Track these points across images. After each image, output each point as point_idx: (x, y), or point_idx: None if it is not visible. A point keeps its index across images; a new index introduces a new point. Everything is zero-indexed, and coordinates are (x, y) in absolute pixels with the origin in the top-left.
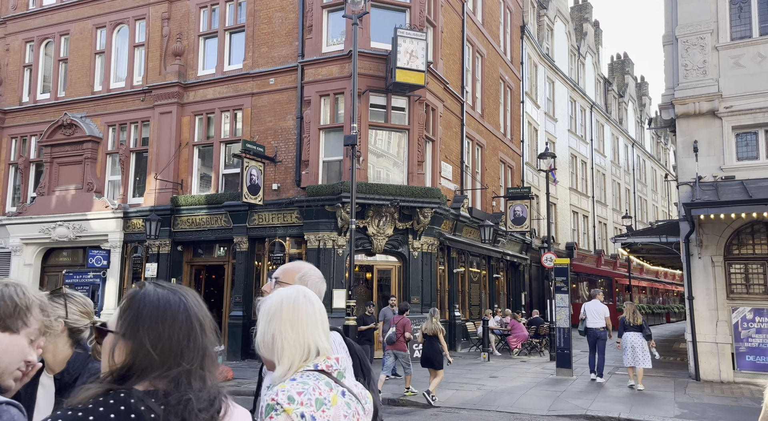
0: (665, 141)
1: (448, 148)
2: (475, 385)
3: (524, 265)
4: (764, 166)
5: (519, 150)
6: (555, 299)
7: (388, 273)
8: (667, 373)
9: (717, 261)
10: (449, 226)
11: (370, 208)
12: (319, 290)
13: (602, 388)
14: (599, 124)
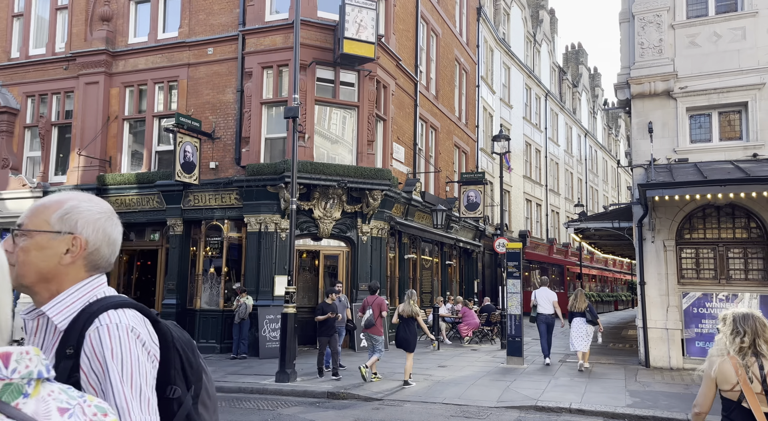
0: (616, 132)
1: (401, 129)
2: (422, 375)
3: (477, 252)
4: (717, 149)
5: (474, 135)
6: (507, 285)
7: (336, 259)
8: (617, 360)
9: (669, 245)
10: (401, 210)
11: (315, 189)
12: (102, 232)
13: (553, 377)
14: (553, 113)
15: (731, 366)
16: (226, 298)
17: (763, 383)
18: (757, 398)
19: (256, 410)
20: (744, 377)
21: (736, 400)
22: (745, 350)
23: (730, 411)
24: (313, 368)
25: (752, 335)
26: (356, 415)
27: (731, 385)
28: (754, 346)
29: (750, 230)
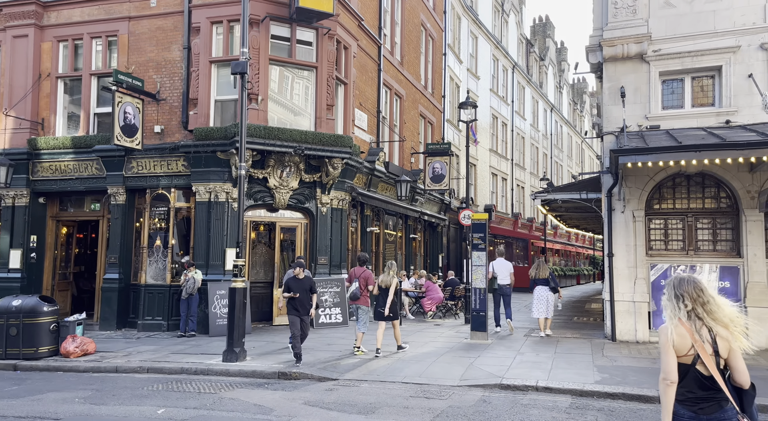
0: (581, 108)
1: (363, 95)
2: (382, 352)
3: (442, 226)
4: (689, 116)
5: (440, 105)
6: (471, 257)
7: (293, 231)
8: (582, 334)
9: (638, 216)
10: (363, 181)
11: (270, 156)
12: None
13: (518, 353)
14: (520, 86)
15: (685, 331)
16: (174, 272)
17: (713, 345)
18: (710, 359)
19: (196, 394)
20: (699, 341)
21: (690, 363)
22: (690, 314)
23: (683, 376)
24: (267, 347)
25: (690, 300)
26: (306, 397)
27: (687, 349)
28: (694, 310)
29: (720, 199)
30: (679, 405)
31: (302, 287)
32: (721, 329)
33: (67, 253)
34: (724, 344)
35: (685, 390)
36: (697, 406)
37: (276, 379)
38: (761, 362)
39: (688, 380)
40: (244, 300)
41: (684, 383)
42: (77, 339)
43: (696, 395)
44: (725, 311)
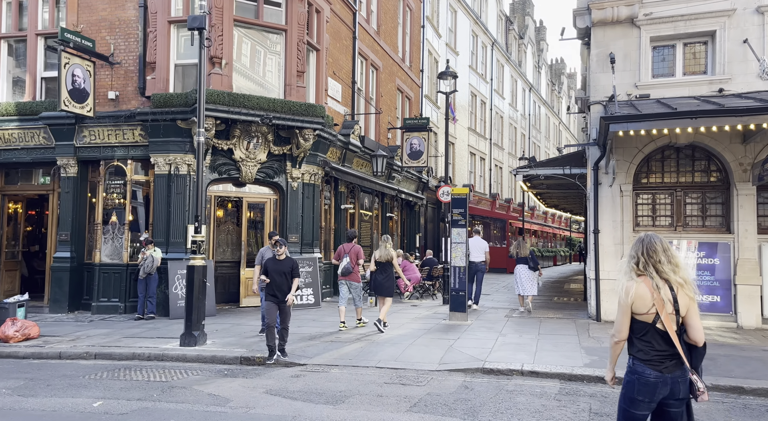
0: (559, 89)
1: (337, 64)
2: (354, 335)
3: (420, 205)
4: (680, 84)
5: (418, 80)
6: (450, 234)
7: (262, 207)
8: (565, 314)
9: (626, 190)
10: (337, 155)
11: (236, 125)
12: None
13: (500, 334)
14: (499, 64)
15: (647, 289)
16: (132, 251)
17: (674, 303)
18: (669, 318)
19: (144, 383)
20: (660, 299)
21: (651, 322)
22: (651, 273)
23: (643, 333)
24: (232, 330)
25: (650, 258)
26: (269, 385)
27: (647, 308)
28: (652, 268)
29: (710, 173)
30: (644, 365)
31: (282, 270)
32: (680, 287)
33: (15, 230)
34: (684, 303)
35: (648, 348)
36: (662, 365)
37: (238, 364)
38: (753, 341)
39: (649, 338)
40: (204, 279)
41: (646, 342)
42: (18, 322)
43: (660, 354)
44: (681, 272)
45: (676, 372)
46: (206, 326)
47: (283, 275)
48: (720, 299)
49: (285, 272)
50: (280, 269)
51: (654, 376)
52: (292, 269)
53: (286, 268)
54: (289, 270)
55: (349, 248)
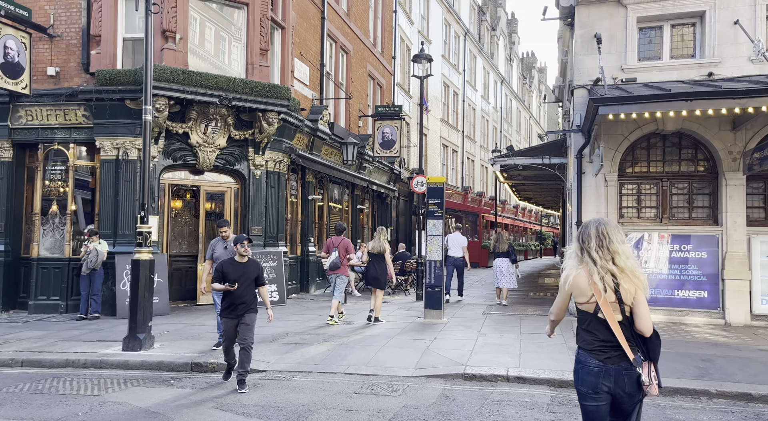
0: (530, 83)
1: (305, 44)
2: (321, 335)
3: (391, 197)
4: (668, 67)
5: (390, 67)
6: (426, 226)
7: (222, 197)
8: (545, 310)
9: (611, 180)
10: (304, 142)
11: (192, 107)
12: None
13: (480, 333)
14: (472, 55)
15: (585, 278)
16: (75, 244)
17: (615, 292)
18: (610, 307)
19: (71, 397)
20: (597, 289)
21: (592, 312)
22: (591, 260)
23: (587, 323)
24: (185, 331)
25: (581, 245)
26: (221, 399)
27: (587, 297)
28: (587, 255)
29: (697, 162)
30: (588, 354)
31: (245, 275)
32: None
33: None
34: (628, 291)
35: (591, 338)
36: (604, 355)
37: (188, 371)
38: (746, 340)
39: (593, 328)
40: (152, 274)
41: (590, 332)
42: None
43: (603, 344)
44: (621, 259)
45: (621, 364)
46: (157, 326)
47: (247, 282)
48: (707, 295)
49: (250, 279)
50: (244, 275)
51: (596, 365)
52: (258, 274)
53: (251, 273)
54: (254, 276)
55: (338, 241)
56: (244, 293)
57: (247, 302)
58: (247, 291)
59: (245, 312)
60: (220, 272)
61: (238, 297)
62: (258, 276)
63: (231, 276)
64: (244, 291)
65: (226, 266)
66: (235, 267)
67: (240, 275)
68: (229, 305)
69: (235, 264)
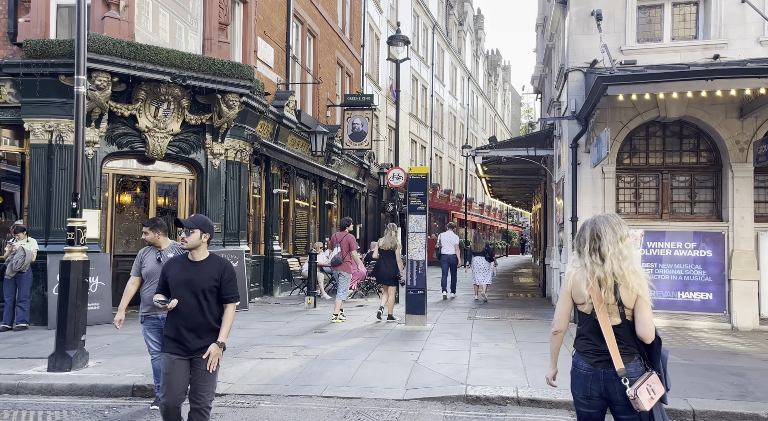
0: (495, 81)
1: (269, 23)
2: (291, 348)
3: (361, 193)
4: (671, 49)
5: (359, 56)
6: (408, 221)
7: (175, 190)
8: (532, 313)
9: (608, 172)
10: (268, 130)
11: (140, 86)
12: None
13: (471, 342)
14: (440, 49)
15: (583, 278)
16: None
17: (615, 293)
18: (608, 309)
19: None
20: (596, 290)
21: (590, 313)
22: (590, 260)
23: (585, 324)
24: (130, 344)
25: (589, 244)
26: None
27: (584, 298)
28: (585, 255)
29: (699, 153)
30: (579, 356)
31: (197, 283)
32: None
33: None
34: (629, 294)
35: (585, 341)
36: (595, 358)
37: (128, 397)
38: (765, 348)
39: (588, 330)
40: (86, 278)
41: (585, 334)
42: None
43: (597, 347)
44: (617, 260)
45: (611, 369)
46: (95, 338)
47: (201, 294)
48: (712, 297)
49: (206, 289)
50: (195, 282)
51: (585, 368)
52: (221, 281)
53: (207, 280)
54: (211, 285)
55: (341, 236)
56: (194, 312)
57: (200, 329)
58: (200, 309)
59: (200, 348)
60: (163, 278)
61: (185, 318)
62: (221, 282)
63: (172, 282)
64: (195, 310)
65: (171, 267)
66: (184, 268)
67: (188, 280)
68: (174, 332)
69: (184, 264)
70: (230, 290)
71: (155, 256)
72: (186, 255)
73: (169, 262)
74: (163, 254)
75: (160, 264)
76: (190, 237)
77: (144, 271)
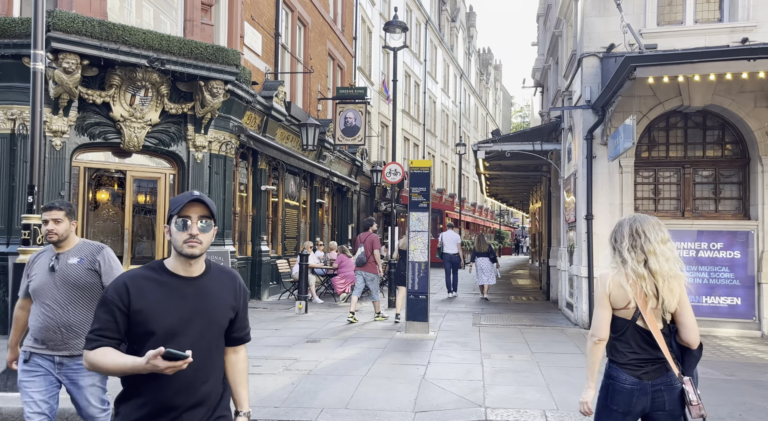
0: (486, 79)
1: (257, 8)
2: (281, 360)
3: (353, 191)
4: (694, 33)
5: (351, 48)
6: (409, 219)
7: (154, 185)
8: (540, 319)
9: (627, 166)
10: (256, 122)
11: (114, 70)
12: None
13: (481, 352)
14: (433, 45)
15: (625, 280)
16: None
17: (657, 297)
18: (653, 314)
19: None
20: (641, 292)
21: (630, 318)
22: (631, 260)
23: (622, 332)
24: None
25: (617, 245)
26: None
27: (626, 302)
28: (627, 254)
29: (724, 146)
30: (621, 370)
31: (209, 319)
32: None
33: None
34: (670, 297)
35: (627, 350)
36: (641, 370)
37: None
38: None
39: (628, 337)
40: None
41: (625, 342)
42: None
43: (639, 356)
44: (661, 262)
45: (659, 379)
46: None
47: (207, 336)
48: (741, 302)
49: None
50: (203, 315)
51: (630, 382)
52: (238, 309)
53: (220, 308)
54: (227, 318)
55: (364, 237)
56: (202, 369)
57: (208, 399)
58: (212, 364)
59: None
60: (121, 312)
61: (187, 383)
62: (237, 315)
63: (162, 319)
64: (205, 364)
65: (144, 290)
66: (174, 291)
67: (193, 313)
68: (154, 404)
69: (172, 285)
70: (246, 322)
71: (48, 262)
72: (164, 264)
73: (130, 279)
74: (62, 260)
75: (53, 275)
76: (205, 235)
77: (31, 286)
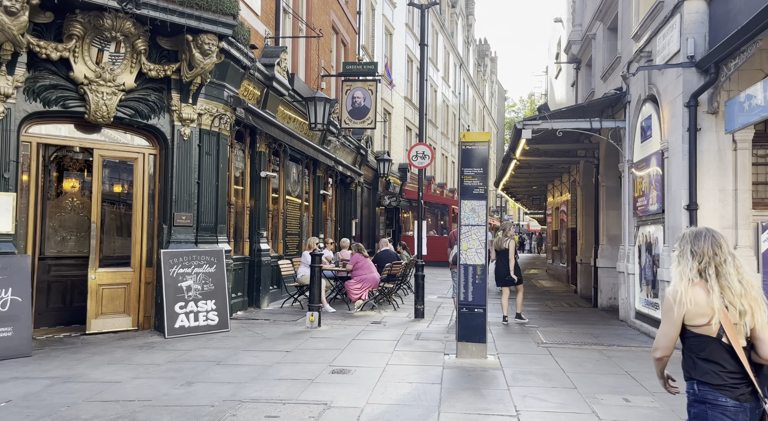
0: (484, 71)
1: None
2: (305, 405)
3: (356, 183)
4: None
5: (355, 23)
6: (460, 210)
7: (130, 168)
8: (611, 336)
9: (742, 141)
10: (255, 95)
11: (75, 15)
12: None
13: (582, 395)
14: (434, 30)
15: (704, 295)
16: None
17: (739, 312)
18: (735, 330)
19: None
20: (722, 307)
21: (715, 336)
22: (709, 275)
23: (706, 351)
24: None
25: (708, 257)
26: None
27: (707, 318)
28: (714, 269)
29: None
30: (717, 392)
31: None
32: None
33: None
34: (751, 312)
35: (718, 370)
36: (737, 391)
37: None
38: None
39: (716, 357)
40: None
41: (713, 362)
42: None
43: (733, 377)
44: (745, 276)
45: (753, 402)
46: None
47: None
48: None
49: None
50: None
51: (732, 404)
52: None
53: None
54: None
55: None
56: None
57: None
58: None
59: None
60: None
61: None
62: None
63: None
64: None
65: None
66: None
67: None
68: None
69: None
70: None
71: None
72: None
73: None
74: None
75: None
76: None
77: None
